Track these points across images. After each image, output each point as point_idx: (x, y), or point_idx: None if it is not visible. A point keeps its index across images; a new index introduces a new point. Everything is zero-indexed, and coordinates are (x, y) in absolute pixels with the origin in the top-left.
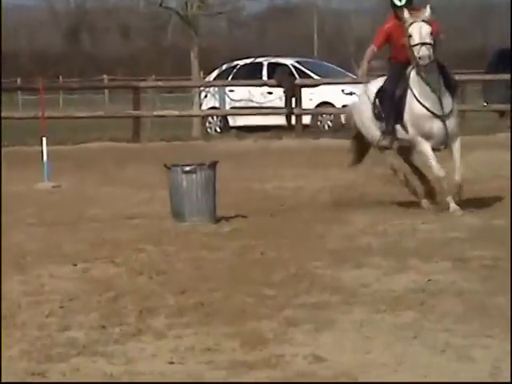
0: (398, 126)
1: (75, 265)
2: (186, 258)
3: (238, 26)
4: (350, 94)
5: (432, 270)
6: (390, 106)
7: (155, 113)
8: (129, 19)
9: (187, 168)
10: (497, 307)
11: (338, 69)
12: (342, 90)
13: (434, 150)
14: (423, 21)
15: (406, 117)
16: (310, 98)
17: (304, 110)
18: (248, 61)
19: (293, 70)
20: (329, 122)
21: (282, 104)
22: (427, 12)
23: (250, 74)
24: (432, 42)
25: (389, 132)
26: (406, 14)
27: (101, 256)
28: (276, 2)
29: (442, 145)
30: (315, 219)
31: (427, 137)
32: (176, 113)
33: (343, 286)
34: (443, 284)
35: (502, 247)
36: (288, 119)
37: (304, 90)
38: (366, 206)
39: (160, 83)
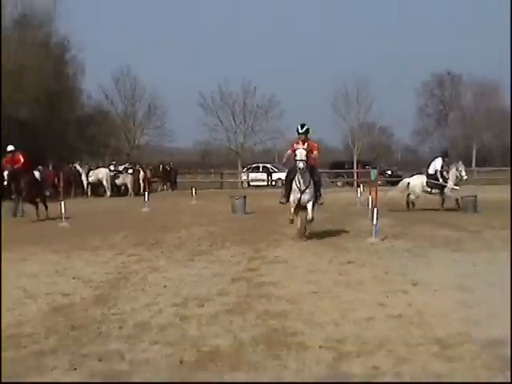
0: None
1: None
2: (236, 224)
3: None
4: None
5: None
6: (287, 183)
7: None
8: None
9: (237, 197)
10: None
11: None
12: None
13: (300, 206)
14: (303, 148)
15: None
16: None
17: None
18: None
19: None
20: None
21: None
22: (306, 142)
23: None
24: (305, 158)
25: (285, 196)
26: (295, 142)
27: (208, 224)
28: None
29: (302, 203)
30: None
31: (294, 199)
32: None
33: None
34: None
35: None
36: None
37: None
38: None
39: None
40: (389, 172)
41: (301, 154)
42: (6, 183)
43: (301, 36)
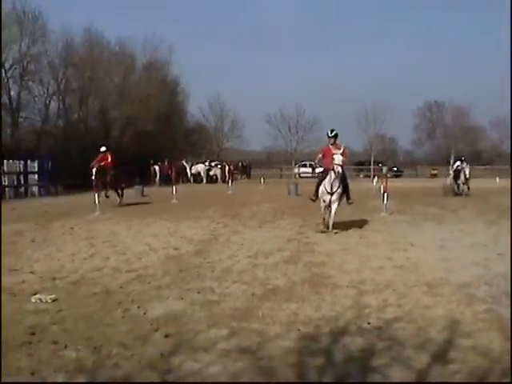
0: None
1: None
2: (291, 203)
3: None
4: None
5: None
6: (317, 184)
7: None
8: None
9: (292, 184)
10: None
11: None
12: None
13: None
14: (340, 153)
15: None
16: None
17: None
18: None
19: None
20: None
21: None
22: (341, 147)
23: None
24: (341, 163)
25: (315, 195)
26: (330, 146)
27: (271, 202)
28: None
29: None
30: None
31: (324, 199)
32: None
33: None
34: None
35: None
36: None
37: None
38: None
39: None
40: (394, 168)
41: (338, 159)
42: (93, 177)
43: (335, 71)
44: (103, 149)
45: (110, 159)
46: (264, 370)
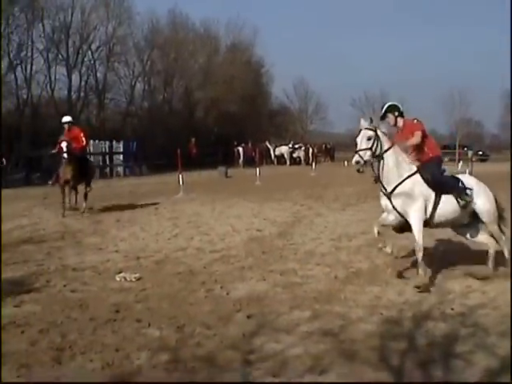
0: None
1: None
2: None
3: None
4: None
5: None
6: None
7: None
8: None
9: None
10: None
11: None
12: None
13: None
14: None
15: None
16: None
17: None
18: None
19: None
20: None
21: None
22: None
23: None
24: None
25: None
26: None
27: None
28: None
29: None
30: None
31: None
32: None
33: None
34: None
35: None
36: None
37: None
38: None
39: None
40: (480, 152)
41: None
42: (64, 158)
43: (422, 54)
44: (67, 119)
45: (81, 139)
46: (346, 352)
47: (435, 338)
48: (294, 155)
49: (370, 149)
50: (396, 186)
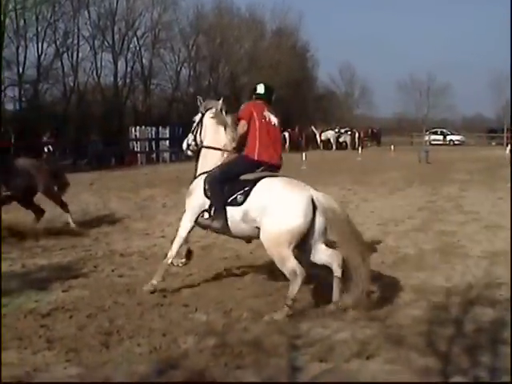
0: None
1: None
2: (421, 170)
3: None
4: None
5: None
6: None
7: None
8: None
9: (422, 151)
10: None
11: None
12: None
13: None
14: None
15: None
16: None
17: None
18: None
19: None
20: None
21: None
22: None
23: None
24: None
25: None
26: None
27: (401, 170)
28: None
29: None
30: None
31: None
32: None
33: None
34: None
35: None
36: None
37: None
38: None
39: None
40: None
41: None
42: None
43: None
44: None
45: None
46: (393, 338)
47: (483, 323)
48: (340, 140)
49: (193, 133)
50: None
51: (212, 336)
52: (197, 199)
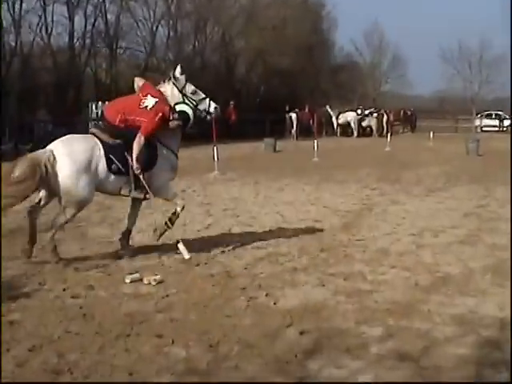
0: None
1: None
2: (469, 165)
3: None
4: None
5: None
6: None
7: None
8: None
9: (471, 140)
10: None
11: None
12: None
13: None
14: None
15: None
16: None
17: None
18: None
19: None
20: None
21: None
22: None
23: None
24: None
25: None
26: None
27: (443, 164)
28: None
29: None
30: None
31: None
32: None
33: None
34: None
35: None
36: None
37: None
38: None
39: None
40: None
41: None
42: None
43: None
44: None
45: None
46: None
47: None
48: (364, 124)
49: None
50: None
51: (193, 376)
52: None
